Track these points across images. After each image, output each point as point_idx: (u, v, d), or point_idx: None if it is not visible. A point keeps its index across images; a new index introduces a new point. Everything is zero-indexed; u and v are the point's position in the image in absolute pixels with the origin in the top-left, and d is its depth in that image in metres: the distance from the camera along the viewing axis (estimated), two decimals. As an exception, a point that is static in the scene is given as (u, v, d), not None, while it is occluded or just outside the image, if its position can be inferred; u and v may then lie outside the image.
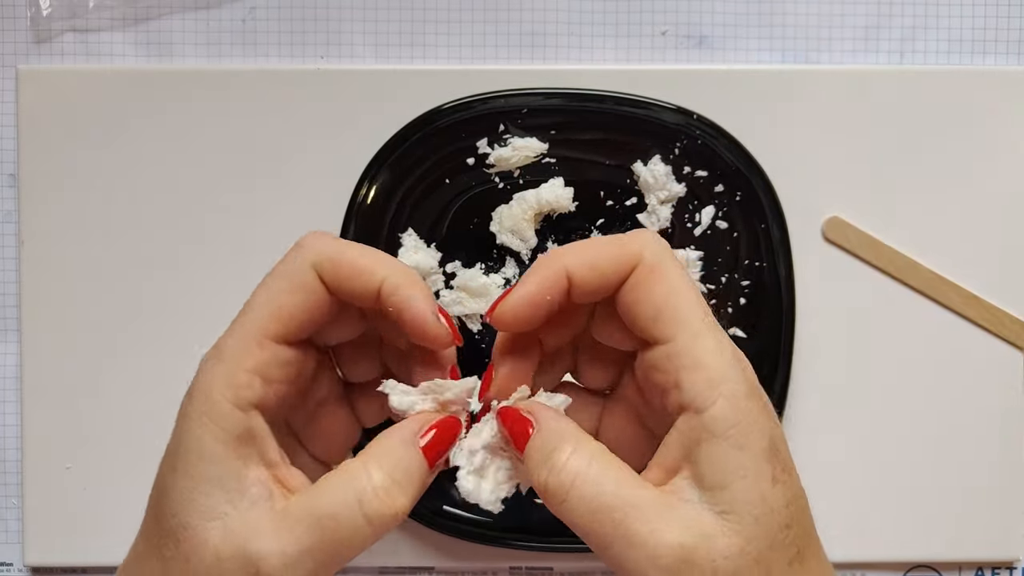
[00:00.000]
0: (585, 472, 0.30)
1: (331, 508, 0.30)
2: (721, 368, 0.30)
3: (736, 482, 0.29)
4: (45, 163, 0.48)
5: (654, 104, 0.45)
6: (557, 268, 0.32)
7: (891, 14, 0.49)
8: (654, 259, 0.31)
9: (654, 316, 0.31)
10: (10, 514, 0.49)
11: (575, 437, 0.31)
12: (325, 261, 0.33)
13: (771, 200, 0.46)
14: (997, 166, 0.48)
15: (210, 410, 0.31)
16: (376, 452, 0.32)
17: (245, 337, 0.32)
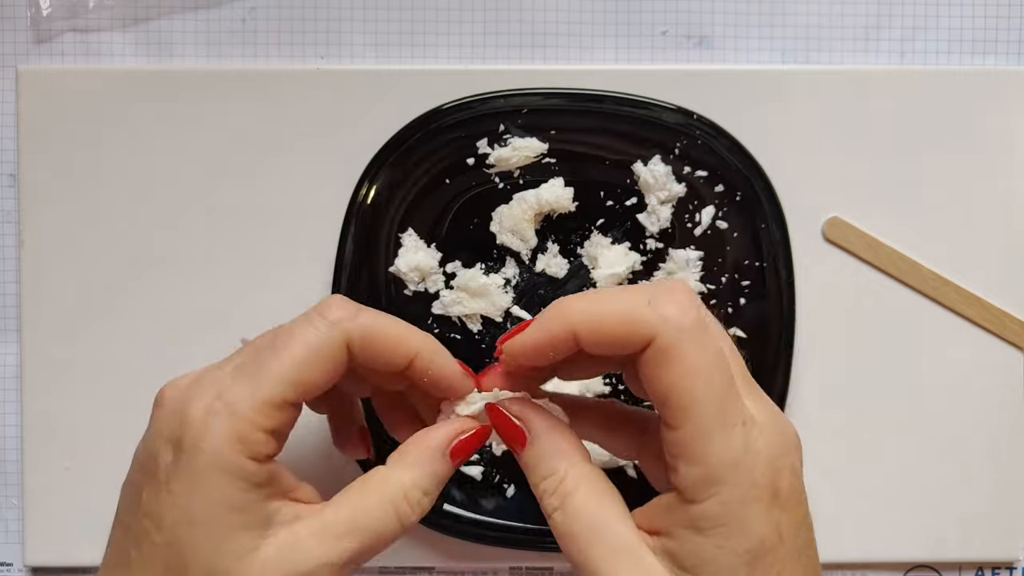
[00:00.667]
0: (570, 497, 0.31)
1: (369, 519, 0.32)
2: (719, 469, 0.30)
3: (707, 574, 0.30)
4: (45, 163, 0.48)
5: (654, 104, 0.45)
6: (563, 324, 0.32)
7: (891, 14, 0.49)
8: (670, 338, 0.30)
9: (663, 400, 0.30)
10: (10, 514, 0.49)
11: (569, 458, 0.32)
12: (358, 338, 0.33)
13: (771, 200, 0.45)
14: (997, 166, 0.48)
15: (227, 466, 0.31)
16: (408, 460, 0.34)
17: (262, 398, 0.31)
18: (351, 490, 0.33)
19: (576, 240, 0.47)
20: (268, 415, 0.31)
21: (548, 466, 0.32)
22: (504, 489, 0.47)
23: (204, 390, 0.32)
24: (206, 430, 0.31)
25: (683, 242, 0.46)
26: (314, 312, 0.33)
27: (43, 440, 0.48)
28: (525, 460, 0.33)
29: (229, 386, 0.31)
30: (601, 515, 0.31)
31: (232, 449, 0.31)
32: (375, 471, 0.34)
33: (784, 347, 0.45)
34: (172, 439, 0.31)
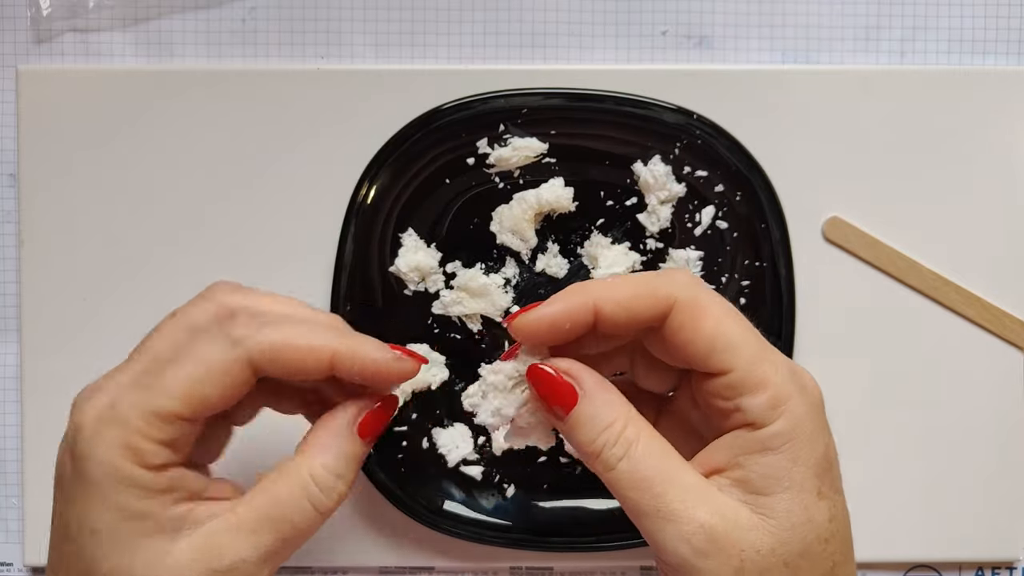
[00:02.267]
0: (635, 445, 0.31)
1: (282, 509, 0.32)
2: (781, 389, 0.31)
3: (781, 492, 0.31)
4: (45, 163, 0.48)
5: (654, 104, 0.45)
6: (585, 299, 0.32)
7: (891, 14, 0.49)
8: (690, 297, 0.32)
9: (707, 352, 0.31)
10: (10, 514, 0.49)
11: (625, 409, 0.32)
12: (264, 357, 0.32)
13: (771, 200, 0.45)
14: (997, 166, 0.48)
15: (118, 474, 0.30)
16: (314, 446, 0.33)
17: (152, 410, 0.31)
18: (263, 483, 0.33)
19: (576, 240, 0.47)
20: (158, 427, 0.31)
21: (606, 418, 0.32)
22: (504, 489, 0.47)
23: (98, 397, 0.31)
24: (96, 439, 0.30)
25: (683, 242, 0.46)
26: (216, 326, 0.32)
27: (43, 440, 0.48)
28: (577, 416, 0.32)
29: (122, 394, 0.31)
30: (667, 460, 0.31)
31: (122, 458, 0.30)
32: (285, 460, 0.33)
33: (784, 347, 0.45)
34: (69, 447, 0.31)
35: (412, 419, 0.47)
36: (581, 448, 0.32)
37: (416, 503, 0.46)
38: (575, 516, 0.46)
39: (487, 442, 0.47)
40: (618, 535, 0.46)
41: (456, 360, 0.47)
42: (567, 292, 0.33)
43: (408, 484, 0.46)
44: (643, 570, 0.49)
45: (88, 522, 0.30)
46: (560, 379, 0.32)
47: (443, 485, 0.46)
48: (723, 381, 0.31)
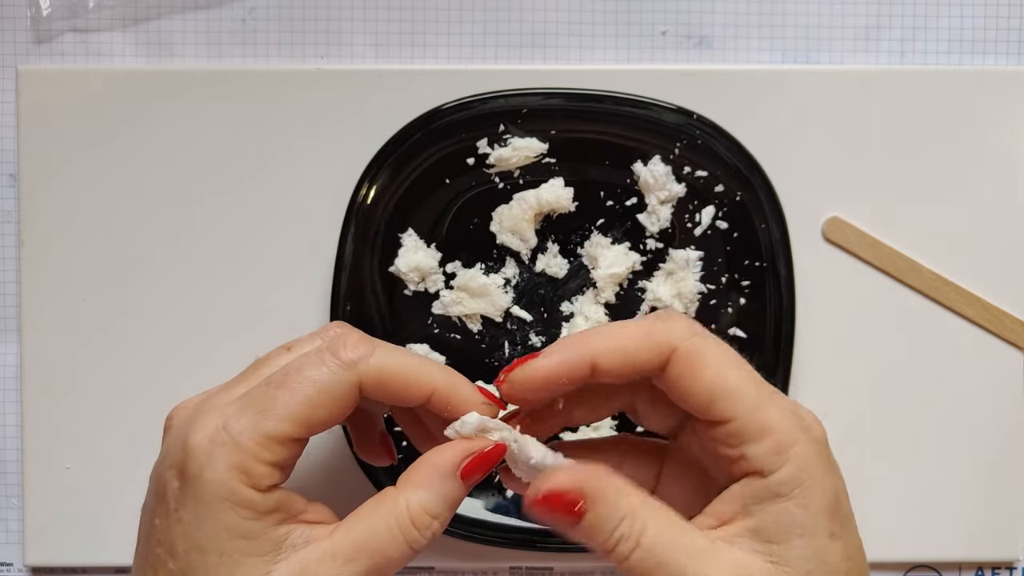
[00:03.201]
0: (644, 534, 0.31)
1: (378, 542, 0.32)
2: (785, 434, 0.31)
3: (794, 539, 0.31)
4: (45, 163, 0.48)
5: (654, 104, 0.45)
6: (583, 352, 0.32)
7: (891, 14, 0.49)
8: (689, 345, 0.32)
9: (708, 402, 0.32)
10: (10, 514, 0.49)
11: (628, 500, 0.32)
12: (372, 381, 0.33)
13: (771, 200, 0.45)
14: (997, 166, 0.48)
15: (230, 495, 0.31)
16: (416, 481, 0.33)
17: (266, 433, 0.31)
18: (361, 512, 0.33)
19: (576, 240, 0.47)
20: (271, 449, 0.31)
21: (613, 520, 0.31)
22: (504, 489, 0.47)
23: (208, 418, 0.32)
24: (209, 460, 0.31)
25: (683, 242, 0.46)
26: (327, 350, 0.32)
27: (43, 440, 0.48)
28: (586, 527, 0.31)
29: (234, 416, 0.31)
30: (676, 533, 0.31)
31: (234, 479, 0.31)
32: (385, 492, 0.33)
33: (784, 347, 0.45)
34: (177, 466, 0.31)
35: (412, 419, 0.47)
36: (595, 547, 0.32)
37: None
38: (575, 516, 0.46)
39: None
40: (618, 535, 0.46)
41: (456, 360, 0.47)
42: (563, 344, 0.33)
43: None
44: (643, 570, 0.49)
45: (196, 540, 0.31)
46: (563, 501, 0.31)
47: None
48: (725, 430, 0.32)
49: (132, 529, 0.34)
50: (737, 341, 0.46)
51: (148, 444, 0.48)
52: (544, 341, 0.47)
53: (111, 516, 0.48)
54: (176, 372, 0.48)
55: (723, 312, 0.46)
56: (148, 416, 0.48)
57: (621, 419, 0.47)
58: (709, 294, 0.46)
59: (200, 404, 0.33)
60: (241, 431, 0.31)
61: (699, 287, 0.46)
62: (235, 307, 0.48)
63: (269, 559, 0.31)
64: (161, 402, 0.47)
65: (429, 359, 0.35)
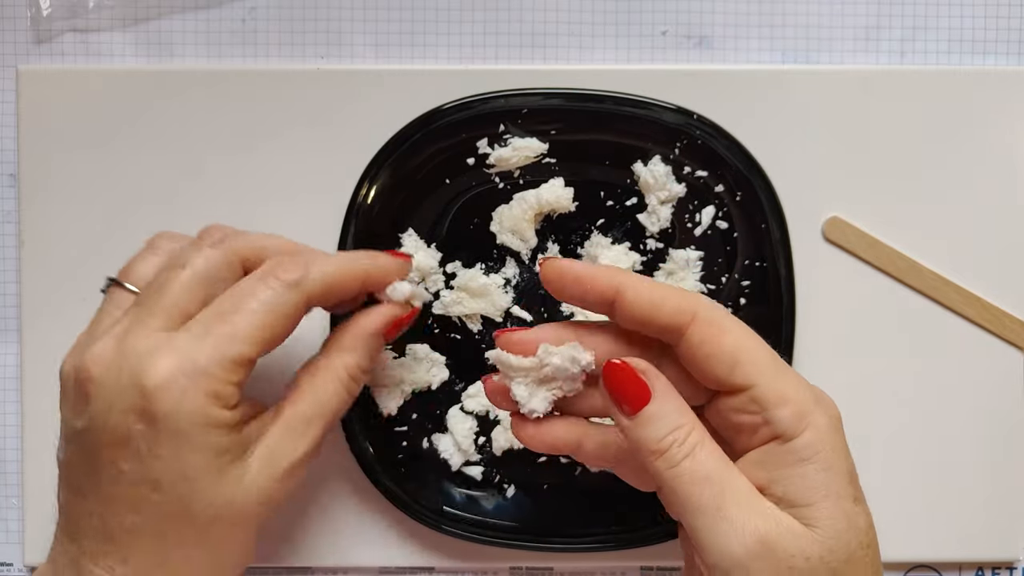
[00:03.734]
0: (699, 447, 0.32)
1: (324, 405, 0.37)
2: (805, 402, 0.33)
3: (821, 500, 0.32)
4: (45, 163, 0.48)
5: (654, 104, 0.45)
6: (613, 276, 0.34)
7: (891, 14, 0.49)
8: (712, 314, 0.33)
9: (731, 367, 0.33)
10: (10, 514, 0.49)
11: (691, 416, 0.33)
12: (316, 295, 0.37)
13: (771, 200, 0.45)
14: (997, 166, 0.48)
15: (208, 420, 0.34)
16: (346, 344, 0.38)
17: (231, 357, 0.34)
18: (300, 385, 0.38)
19: (576, 240, 0.47)
20: (235, 371, 0.35)
21: (675, 420, 0.33)
22: (504, 489, 0.47)
23: (158, 356, 0.33)
24: (183, 393, 0.33)
25: (683, 242, 0.46)
26: (270, 275, 0.36)
27: (43, 440, 0.48)
28: (648, 414, 0.33)
29: (195, 348, 0.34)
30: (727, 467, 0.32)
31: (210, 405, 0.34)
32: (315, 362, 0.38)
33: (784, 347, 0.45)
34: (137, 409, 0.33)
35: (412, 419, 0.47)
36: (645, 444, 0.33)
37: (416, 503, 0.46)
38: (575, 516, 0.46)
39: (487, 442, 0.47)
40: (618, 535, 0.46)
41: (456, 360, 0.47)
42: (601, 267, 0.35)
43: (408, 484, 0.46)
44: (643, 570, 0.49)
45: (180, 470, 0.33)
46: (637, 376, 0.33)
47: (443, 485, 0.46)
48: (748, 395, 0.33)
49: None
50: (737, 341, 0.46)
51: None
52: (544, 341, 0.47)
53: (111, 516, 0.48)
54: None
55: (723, 312, 0.46)
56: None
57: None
58: (709, 294, 0.46)
59: (122, 347, 0.34)
60: (208, 360, 0.34)
61: (699, 287, 0.46)
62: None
63: (243, 462, 0.35)
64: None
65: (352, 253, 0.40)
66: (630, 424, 0.33)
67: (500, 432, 0.46)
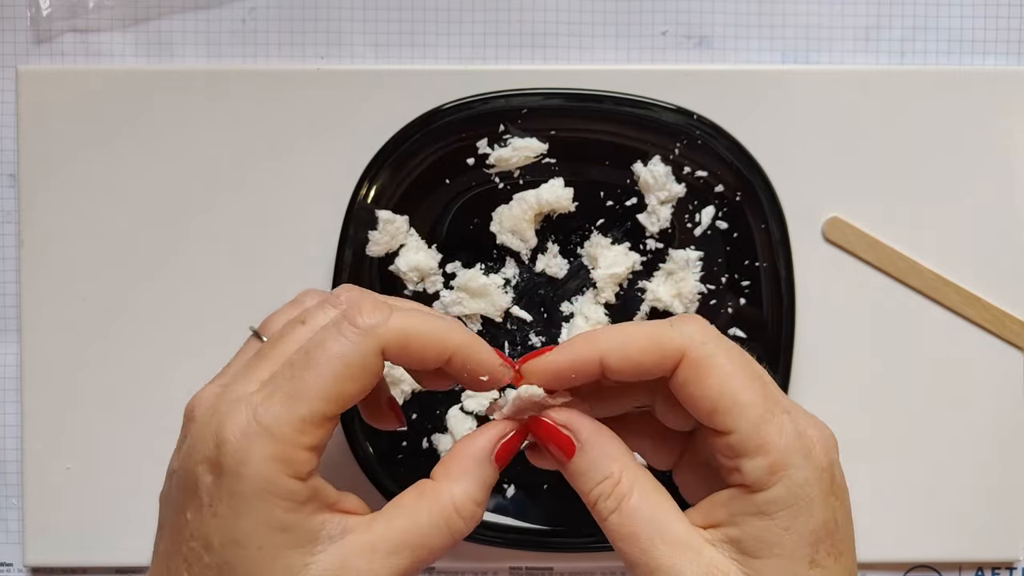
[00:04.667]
0: (627, 499, 0.32)
1: (422, 535, 0.32)
2: (781, 456, 0.31)
3: (771, 557, 0.31)
4: (45, 163, 0.48)
5: (654, 104, 0.45)
6: (592, 352, 0.33)
7: (891, 14, 0.49)
8: (700, 351, 0.32)
9: (710, 411, 0.32)
10: (10, 514, 0.49)
11: (621, 461, 0.33)
12: (394, 345, 0.32)
13: (771, 200, 0.45)
14: (997, 166, 0.48)
15: (271, 487, 0.30)
16: (456, 471, 0.33)
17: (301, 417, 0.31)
18: (403, 504, 0.33)
19: (576, 240, 0.47)
20: (308, 432, 0.31)
21: (601, 471, 0.32)
22: (504, 489, 0.47)
23: (237, 410, 0.31)
24: (246, 453, 0.30)
25: (683, 242, 0.46)
26: (344, 320, 0.32)
27: (43, 440, 0.48)
28: (574, 467, 0.33)
29: (263, 405, 0.31)
30: (658, 514, 0.32)
31: (274, 471, 0.30)
32: (424, 484, 0.33)
33: (784, 347, 0.45)
34: (210, 460, 0.31)
35: (412, 419, 0.47)
36: (581, 496, 0.33)
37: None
38: (575, 516, 0.46)
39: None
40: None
41: (456, 360, 0.47)
42: (574, 342, 0.33)
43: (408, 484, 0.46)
44: (643, 570, 0.49)
45: (234, 535, 0.30)
46: (557, 431, 0.33)
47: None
48: (725, 441, 0.32)
49: (132, 529, 0.34)
50: (737, 341, 0.46)
51: (148, 444, 0.48)
52: (544, 341, 0.47)
53: (111, 516, 0.48)
54: (176, 372, 0.48)
55: (723, 312, 0.46)
56: (148, 416, 0.48)
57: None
58: (709, 294, 0.46)
59: (223, 393, 0.32)
60: (275, 419, 0.30)
61: (699, 287, 0.46)
62: (235, 307, 0.48)
63: (307, 551, 0.31)
64: (161, 402, 0.48)
65: (446, 316, 0.35)
66: (567, 475, 0.34)
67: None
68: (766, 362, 0.45)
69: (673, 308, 0.46)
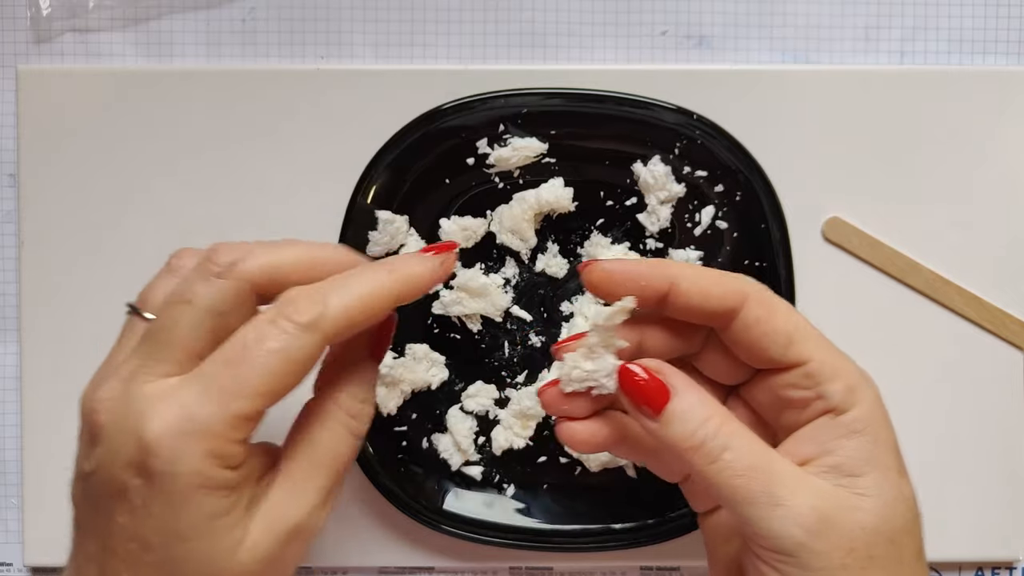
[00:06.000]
0: (735, 436, 0.32)
1: (329, 452, 0.33)
2: (853, 376, 0.33)
3: (871, 471, 0.32)
4: (45, 163, 0.48)
5: (654, 104, 0.45)
6: (664, 270, 0.33)
7: (891, 14, 0.49)
8: (762, 294, 0.33)
9: (786, 343, 0.33)
10: (10, 514, 0.49)
11: (717, 405, 0.33)
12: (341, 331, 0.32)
13: (771, 200, 0.45)
14: (997, 166, 0.48)
15: (207, 482, 0.31)
16: (335, 380, 0.34)
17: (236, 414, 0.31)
18: (295, 433, 0.34)
19: (576, 240, 0.47)
20: (242, 428, 0.31)
21: (701, 412, 0.32)
22: (504, 489, 0.47)
23: (159, 408, 0.31)
24: (180, 452, 0.30)
25: (683, 242, 0.46)
26: (281, 316, 0.31)
27: (43, 440, 0.48)
28: (671, 413, 0.32)
29: (197, 403, 0.30)
30: (767, 451, 0.32)
31: (209, 466, 0.30)
32: (309, 404, 0.34)
33: (784, 347, 0.45)
34: (135, 464, 0.31)
35: (412, 419, 0.47)
36: (678, 443, 0.32)
37: (416, 503, 0.46)
38: (574, 516, 0.46)
39: (487, 442, 0.47)
40: (618, 535, 0.46)
41: (456, 360, 0.47)
42: (646, 260, 0.35)
43: (408, 484, 0.46)
44: (643, 570, 0.49)
45: (174, 530, 0.30)
46: (653, 376, 0.33)
47: (443, 485, 0.47)
48: (802, 371, 0.33)
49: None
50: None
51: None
52: (544, 340, 0.47)
53: (111, 516, 0.48)
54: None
55: (723, 312, 0.46)
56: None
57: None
58: (709, 294, 0.46)
59: (128, 389, 0.32)
60: (209, 416, 0.30)
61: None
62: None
63: (242, 525, 0.32)
64: (161, 402, 0.48)
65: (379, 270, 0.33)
66: (656, 425, 0.32)
67: (500, 432, 0.46)
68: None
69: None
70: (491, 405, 0.47)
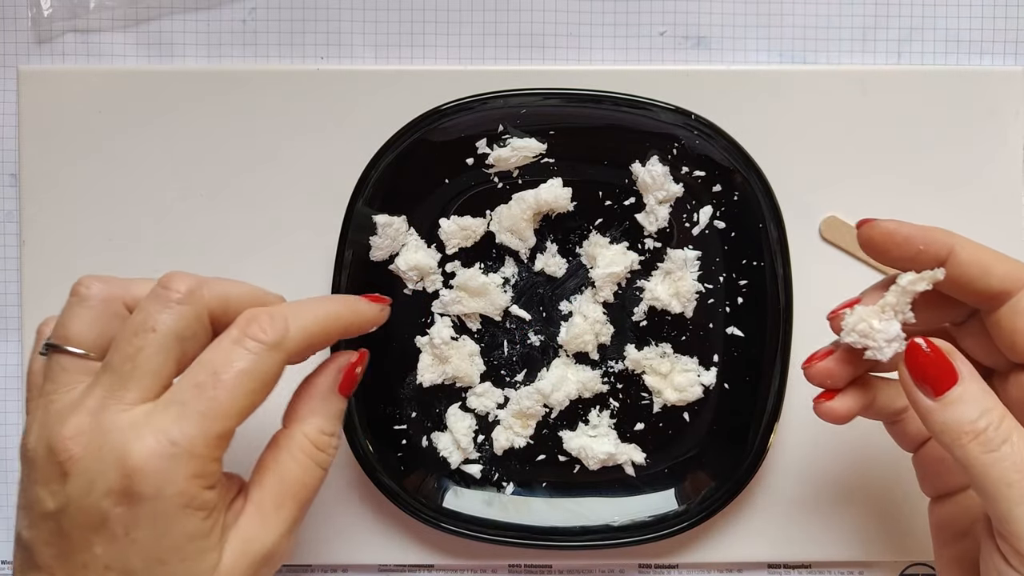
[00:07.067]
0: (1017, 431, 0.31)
1: (297, 482, 0.35)
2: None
3: None
4: (45, 163, 0.48)
5: (652, 104, 0.46)
6: (946, 237, 0.33)
7: (889, 14, 0.49)
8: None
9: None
10: (10, 513, 0.49)
11: (997, 399, 0.32)
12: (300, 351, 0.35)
13: (769, 200, 0.46)
14: (995, 166, 0.48)
15: (191, 502, 0.32)
16: (302, 412, 0.37)
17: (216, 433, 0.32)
18: (264, 463, 0.36)
19: (575, 240, 0.47)
20: (220, 447, 0.33)
21: (984, 402, 0.32)
22: (503, 487, 0.47)
23: (137, 435, 0.31)
24: (166, 474, 0.31)
25: (681, 242, 0.47)
26: (247, 337, 0.33)
27: (44, 439, 0.48)
28: (960, 395, 0.32)
29: (177, 426, 0.32)
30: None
31: (194, 486, 0.32)
32: (277, 436, 0.36)
33: (782, 346, 0.46)
34: (117, 491, 0.31)
35: (412, 418, 0.47)
36: (954, 426, 0.32)
37: (416, 501, 0.46)
38: (574, 514, 0.46)
39: (487, 441, 0.47)
40: (616, 533, 0.46)
41: (455, 359, 0.47)
42: (927, 226, 0.34)
43: (407, 482, 0.46)
44: (641, 568, 0.49)
45: (157, 554, 0.32)
46: (944, 357, 0.32)
47: (443, 483, 0.47)
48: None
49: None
50: (735, 340, 0.46)
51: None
52: (543, 340, 0.47)
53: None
54: (176, 371, 0.48)
55: (721, 311, 0.47)
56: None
57: (619, 415, 0.47)
58: (707, 293, 0.47)
59: (99, 422, 0.32)
60: (192, 439, 0.32)
61: (697, 286, 0.46)
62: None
63: (218, 548, 0.33)
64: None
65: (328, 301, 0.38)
66: (934, 406, 0.32)
67: (500, 432, 0.47)
68: (764, 362, 0.46)
69: (671, 307, 0.46)
70: (495, 405, 0.47)
